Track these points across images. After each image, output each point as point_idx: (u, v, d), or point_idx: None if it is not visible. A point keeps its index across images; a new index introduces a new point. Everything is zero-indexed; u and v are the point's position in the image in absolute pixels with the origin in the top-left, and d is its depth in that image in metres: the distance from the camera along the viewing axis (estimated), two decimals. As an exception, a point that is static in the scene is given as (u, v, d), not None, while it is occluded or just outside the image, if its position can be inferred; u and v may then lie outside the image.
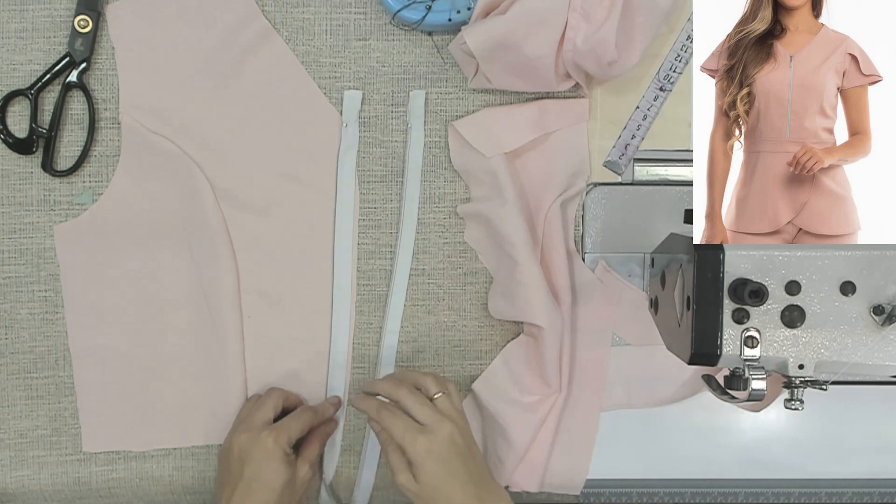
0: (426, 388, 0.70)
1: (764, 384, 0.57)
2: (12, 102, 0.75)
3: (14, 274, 0.77)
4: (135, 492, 0.79)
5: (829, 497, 0.81)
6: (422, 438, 0.66)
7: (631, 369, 0.79)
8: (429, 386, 0.70)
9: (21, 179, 0.76)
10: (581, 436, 0.79)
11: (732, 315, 0.58)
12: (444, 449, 0.67)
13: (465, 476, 0.67)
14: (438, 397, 0.69)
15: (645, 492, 0.81)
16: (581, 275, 0.78)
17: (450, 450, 0.67)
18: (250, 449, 0.69)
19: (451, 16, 0.73)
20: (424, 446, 0.66)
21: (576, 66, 0.72)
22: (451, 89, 0.77)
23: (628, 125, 0.78)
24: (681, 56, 0.77)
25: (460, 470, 0.67)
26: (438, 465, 0.66)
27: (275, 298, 0.77)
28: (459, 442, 0.68)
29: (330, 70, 0.77)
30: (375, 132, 0.77)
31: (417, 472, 0.67)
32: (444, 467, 0.67)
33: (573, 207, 0.78)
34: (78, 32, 0.74)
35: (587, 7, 0.69)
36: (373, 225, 0.78)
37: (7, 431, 0.78)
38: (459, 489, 0.67)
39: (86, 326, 0.77)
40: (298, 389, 0.78)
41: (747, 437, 0.81)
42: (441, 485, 0.67)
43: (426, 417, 0.68)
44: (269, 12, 0.76)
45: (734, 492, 0.81)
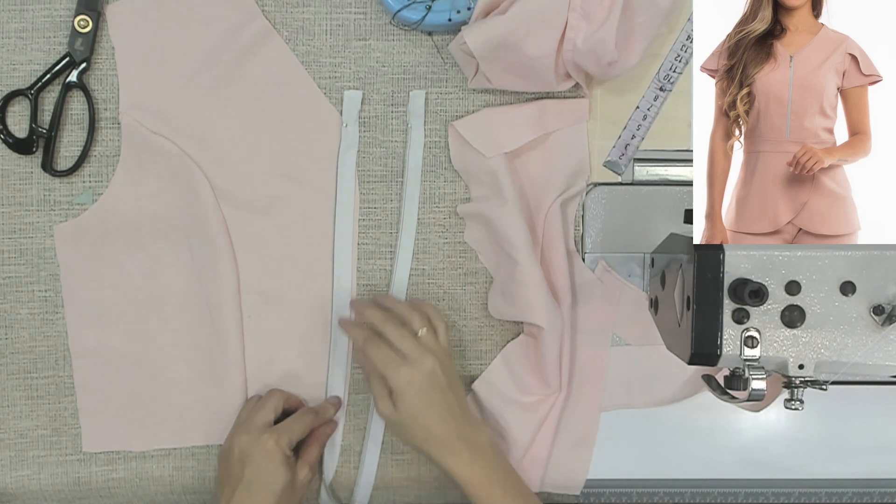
0: (411, 323, 0.71)
1: (764, 384, 0.57)
2: (12, 102, 0.75)
3: (14, 274, 0.77)
4: (135, 492, 0.79)
5: (829, 497, 0.81)
6: (403, 370, 0.68)
7: (631, 369, 0.79)
8: (413, 322, 0.71)
9: (21, 179, 0.76)
10: (581, 436, 0.79)
11: (732, 315, 0.58)
12: (424, 381, 0.69)
13: (443, 408, 0.69)
14: (423, 333, 0.71)
15: (645, 492, 0.81)
16: (581, 275, 0.78)
17: (430, 382, 0.69)
18: (251, 450, 0.70)
19: (451, 16, 0.73)
20: (405, 377, 0.68)
21: (576, 66, 0.72)
22: (451, 89, 0.77)
23: (628, 125, 0.78)
24: (681, 56, 0.77)
25: (439, 402, 0.69)
26: (418, 396, 0.69)
27: (275, 298, 0.77)
28: (440, 376, 0.69)
29: (330, 70, 0.77)
30: (375, 132, 0.77)
31: (397, 401, 0.69)
32: (424, 398, 0.69)
33: (573, 207, 0.78)
34: (78, 32, 0.74)
35: (587, 7, 0.69)
36: (373, 225, 0.78)
37: (7, 431, 0.78)
38: (438, 420, 0.69)
39: (86, 326, 0.77)
40: (298, 389, 0.78)
41: (747, 437, 0.81)
42: (419, 414, 0.69)
43: (409, 351, 0.69)
44: (269, 12, 0.76)
45: (734, 492, 0.81)
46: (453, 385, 0.71)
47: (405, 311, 0.72)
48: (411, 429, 0.69)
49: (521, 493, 0.71)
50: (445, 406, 0.69)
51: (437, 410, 0.69)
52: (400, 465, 0.79)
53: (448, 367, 0.71)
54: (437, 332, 0.72)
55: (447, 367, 0.71)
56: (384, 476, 0.79)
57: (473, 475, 0.69)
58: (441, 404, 0.69)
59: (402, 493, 0.80)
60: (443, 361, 0.70)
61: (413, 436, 0.70)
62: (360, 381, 0.79)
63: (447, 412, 0.69)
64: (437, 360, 0.70)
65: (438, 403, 0.69)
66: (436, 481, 0.80)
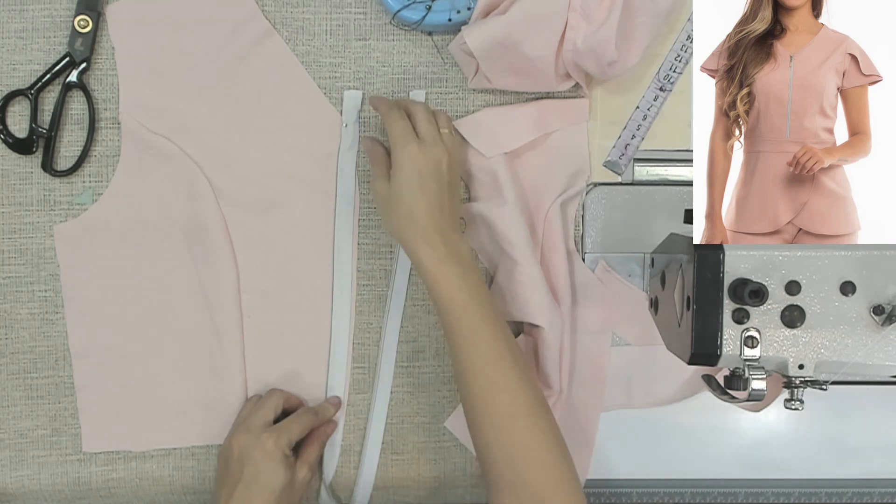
0: (439, 118, 0.70)
1: (764, 384, 0.57)
2: (12, 102, 0.75)
3: (14, 274, 0.77)
4: (135, 492, 0.79)
5: (829, 497, 0.81)
6: (412, 145, 0.67)
7: (631, 369, 0.79)
8: (441, 120, 0.70)
9: (21, 179, 0.76)
10: (581, 436, 0.79)
11: (732, 315, 0.58)
12: (426, 164, 0.67)
13: (434, 199, 0.67)
14: (447, 133, 0.70)
15: (645, 492, 0.81)
16: (581, 275, 0.78)
17: (432, 169, 0.67)
18: (250, 450, 0.70)
19: (451, 16, 0.73)
20: (411, 153, 0.66)
21: (576, 66, 0.72)
22: (451, 89, 0.77)
23: (628, 125, 0.78)
24: (681, 56, 0.77)
25: (433, 191, 0.67)
26: (414, 174, 0.66)
27: (275, 298, 0.77)
28: (444, 171, 0.67)
29: (330, 70, 0.77)
30: (376, 132, 0.77)
31: (394, 176, 0.67)
32: (420, 179, 0.66)
33: (573, 207, 0.78)
34: (78, 32, 0.74)
35: (587, 7, 0.69)
36: (373, 225, 0.78)
37: (7, 431, 0.78)
38: (425, 206, 0.66)
39: (86, 326, 0.77)
40: (298, 389, 0.78)
41: (747, 437, 0.81)
42: (409, 193, 0.66)
43: (426, 134, 0.68)
44: (269, 12, 0.76)
45: (734, 492, 0.81)
46: (453, 188, 0.69)
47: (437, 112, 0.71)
48: (397, 206, 0.66)
49: (492, 307, 0.67)
50: (437, 199, 0.67)
51: (428, 197, 0.66)
52: (400, 465, 0.79)
53: (455, 170, 0.69)
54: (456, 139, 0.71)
55: (454, 169, 0.69)
56: (384, 476, 0.79)
57: (444, 272, 0.65)
58: (434, 194, 0.67)
59: (402, 493, 0.80)
60: (453, 161, 0.68)
61: (396, 216, 0.67)
62: (361, 382, 0.79)
63: (437, 205, 0.67)
64: (449, 157, 0.68)
65: (432, 191, 0.66)
66: (435, 481, 0.80)
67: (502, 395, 0.65)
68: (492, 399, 0.65)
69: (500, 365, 0.65)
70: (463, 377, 0.66)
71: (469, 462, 0.80)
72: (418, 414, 0.79)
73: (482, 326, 0.65)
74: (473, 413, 0.66)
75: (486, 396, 0.65)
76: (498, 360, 0.65)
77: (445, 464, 0.80)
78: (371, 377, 0.79)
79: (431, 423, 0.79)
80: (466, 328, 0.65)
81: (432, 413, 0.79)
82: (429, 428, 0.79)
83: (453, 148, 0.69)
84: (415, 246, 0.66)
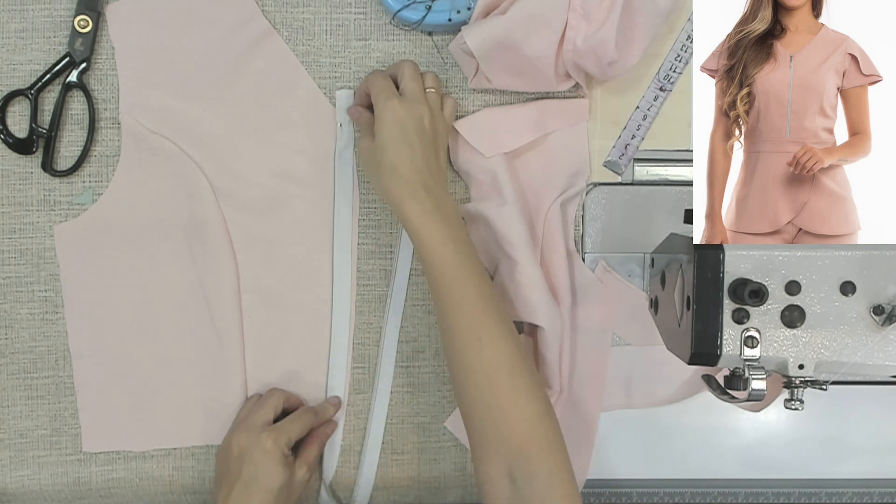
0: (427, 78, 0.70)
1: (764, 384, 0.57)
2: (12, 102, 0.75)
3: (14, 274, 0.77)
4: (135, 492, 0.79)
5: (829, 497, 0.81)
6: (394, 101, 0.67)
7: (631, 369, 0.79)
8: (428, 79, 0.70)
9: (21, 179, 0.76)
10: (581, 436, 0.79)
11: (732, 315, 0.58)
12: (409, 119, 0.66)
13: (418, 153, 0.66)
14: (432, 92, 0.69)
15: (645, 492, 0.81)
16: (581, 275, 0.78)
17: (415, 123, 0.66)
18: (249, 449, 0.70)
19: (451, 16, 0.73)
20: (393, 108, 0.66)
21: (576, 66, 0.72)
22: (451, 89, 0.77)
23: (628, 125, 0.78)
24: (681, 56, 0.77)
25: (416, 145, 0.66)
26: (397, 128, 0.66)
27: (275, 298, 0.77)
28: (427, 126, 0.67)
29: (330, 70, 0.77)
30: (375, 132, 0.77)
31: (377, 129, 0.67)
32: (402, 133, 0.66)
33: (573, 207, 0.78)
34: (78, 32, 0.74)
35: (587, 7, 0.69)
36: (373, 225, 0.78)
37: (7, 431, 0.78)
38: (408, 160, 0.66)
39: (86, 326, 0.77)
40: (298, 389, 0.78)
41: (747, 437, 0.81)
42: (390, 146, 0.66)
43: (410, 90, 0.68)
44: (269, 12, 0.76)
45: (734, 492, 0.81)
46: (437, 143, 0.68)
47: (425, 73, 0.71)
48: (381, 160, 0.66)
49: (477, 262, 0.66)
50: (421, 153, 0.66)
51: (412, 151, 0.66)
52: (400, 465, 0.79)
53: (440, 126, 0.69)
54: (444, 99, 0.71)
55: (438, 125, 0.69)
56: (384, 476, 0.79)
57: (429, 226, 0.65)
58: (417, 148, 0.66)
59: (402, 493, 0.80)
60: (436, 118, 0.68)
61: (380, 172, 0.66)
62: (361, 382, 0.79)
63: (421, 158, 0.66)
64: (431, 113, 0.68)
65: (415, 145, 0.66)
66: (435, 481, 0.80)
67: (486, 349, 0.64)
68: (476, 353, 0.64)
69: (484, 319, 0.64)
70: (447, 332, 0.65)
71: (469, 462, 0.80)
72: (418, 414, 0.79)
73: (467, 281, 0.65)
74: (457, 368, 0.65)
75: (470, 351, 0.64)
76: (482, 314, 0.65)
77: (445, 464, 0.80)
78: (371, 377, 0.79)
79: (431, 423, 0.79)
80: (451, 282, 0.65)
81: (432, 413, 0.79)
82: (429, 428, 0.79)
83: (437, 107, 0.70)
84: (399, 200, 0.65)
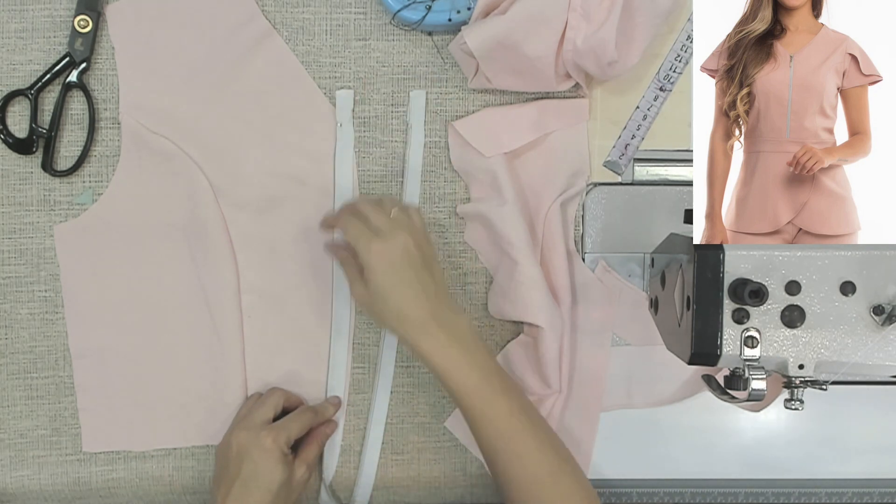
0: (385, 205, 0.69)
1: (764, 384, 0.57)
2: (12, 102, 0.75)
3: (14, 274, 0.77)
4: (135, 492, 0.79)
5: (829, 497, 0.81)
6: (375, 243, 0.65)
7: (631, 369, 0.79)
8: (386, 203, 0.69)
9: (21, 179, 0.76)
10: (581, 436, 0.79)
11: (732, 315, 0.58)
12: (395, 255, 0.65)
13: (417, 287, 0.66)
14: (396, 213, 0.68)
15: (645, 492, 0.81)
16: (581, 275, 0.78)
17: (402, 257, 0.65)
18: (249, 447, 0.69)
19: (451, 16, 0.73)
20: (376, 251, 0.65)
21: (576, 66, 0.72)
22: (451, 89, 0.77)
23: (628, 125, 0.78)
24: (681, 56, 0.77)
25: (413, 280, 0.66)
26: (389, 271, 0.65)
27: (275, 298, 0.77)
28: (413, 252, 0.66)
29: (330, 70, 0.77)
30: (375, 132, 0.77)
31: (369, 278, 0.66)
32: (395, 274, 0.65)
33: (573, 207, 0.78)
34: (78, 32, 0.74)
35: (587, 7, 0.69)
36: (373, 225, 0.78)
37: (7, 431, 0.78)
38: (411, 299, 0.65)
39: (86, 326, 0.77)
40: (298, 389, 0.78)
41: (747, 437, 0.81)
42: (391, 291, 0.65)
43: (381, 225, 0.67)
44: (269, 12, 0.76)
45: (734, 492, 0.81)
46: (429, 264, 0.68)
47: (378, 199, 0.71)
48: (383, 308, 0.66)
49: (502, 381, 0.67)
50: (419, 284, 0.66)
51: (411, 288, 0.65)
52: (400, 465, 0.79)
53: (423, 245, 0.68)
54: (408, 212, 0.69)
55: (422, 245, 0.68)
56: (384, 476, 0.79)
57: (449, 359, 0.65)
58: (415, 282, 0.66)
59: (402, 493, 0.80)
60: (417, 238, 0.67)
61: (386, 316, 0.66)
62: (361, 381, 0.79)
63: (421, 291, 0.66)
64: (411, 237, 0.67)
65: (412, 281, 0.66)
66: (435, 481, 0.80)
67: (526, 464, 0.66)
68: (518, 468, 0.66)
69: (520, 438, 0.66)
70: (486, 452, 0.68)
71: (469, 462, 0.80)
72: (418, 414, 0.79)
73: (497, 405, 0.66)
74: (500, 479, 0.68)
75: (510, 467, 0.66)
76: (516, 434, 0.66)
77: (445, 464, 0.80)
78: (371, 377, 0.79)
79: (431, 423, 0.79)
80: (481, 410, 0.66)
81: (432, 413, 0.79)
82: (429, 428, 0.79)
83: (410, 225, 0.68)
84: (414, 341, 0.66)
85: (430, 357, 0.66)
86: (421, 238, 0.68)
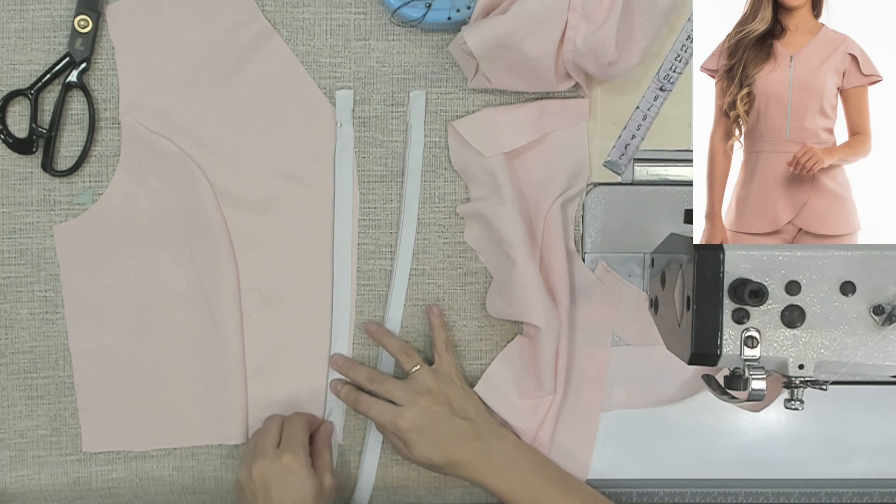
0: (402, 363, 0.75)
1: (764, 384, 0.57)
2: (12, 102, 0.75)
3: (14, 274, 0.77)
4: (135, 492, 0.79)
5: (829, 497, 0.81)
6: (401, 420, 0.70)
7: (631, 369, 0.79)
8: (404, 363, 0.74)
9: (21, 179, 0.76)
10: (581, 436, 0.79)
11: (732, 315, 0.58)
12: (425, 421, 0.71)
13: (456, 436, 0.71)
14: (416, 370, 0.73)
15: (645, 492, 0.81)
16: (581, 275, 0.78)
17: (432, 419, 0.71)
18: (272, 473, 0.69)
19: (450, 14, 0.73)
20: (406, 424, 0.70)
21: (576, 66, 0.72)
22: (451, 89, 0.77)
23: (628, 125, 0.78)
24: (681, 56, 0.77)
25: (450, 432, 0.71)
26: (425, 436, 0.71)
27: (275, 298, 0.77)
28: (437, 410, 0.71)
29: (330, 70, 0.77)
30: (375, 132, 0.77)
31: (410, 447, 0.71)
32: (432, 436, 0.71)
33: (573, 207, 0.78)
34: (78, 32, 0.74)
35: (587, 7, 0.69)
36: (373, 225, 0.78)
37: (7, 431, 0.78)
38: (454, 449, 0.71)
39: (86, 326, 0.77)
40: (298, 389, 0.78)
41: (747, 437, 0.81)
42: (435, 451, 0.71)
43: (400, 398, 0.71)
44: (269, 12, 0.76)
45: (734, 492, 0.81)
46: (460, 407, 0.73)
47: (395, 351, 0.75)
48: (435, 464, 0.71)
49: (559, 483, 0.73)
50: (457, 433, 0.71)
51: (451, 440, 0.71)
52: (400, 465, 0.79)
53: (451, 393, 0.73)
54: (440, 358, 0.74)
55: (449, 396, 0.73)
56: (384, 476, 0.79)
57: (509, 484, 0.71)
58: (452, 434, 0.71)
59: (402, 493, 0.80)
60: (437, 395, 0.72)
61: (442, 468, 0.72)
62: (360, 381, 0.79)
63: (460, 438, 0.71)
64: (432, 396, 0.71)
65: (449, 434, 0.71)
66: (435, 481, 0.80)
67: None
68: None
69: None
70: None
71: (469, 462, 0.80)
72: (418, 414, 0.79)
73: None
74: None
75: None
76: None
77: (445, 464, 0.80)
78: (371, 377, 0.79)
79: (431, 423, 0.79)
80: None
81: (432, 413, 0.79)
82: (429, 428, 0.79)
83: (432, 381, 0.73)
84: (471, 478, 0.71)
85: (491, 488, 0.71)
86: (444, 386, 0.73)
